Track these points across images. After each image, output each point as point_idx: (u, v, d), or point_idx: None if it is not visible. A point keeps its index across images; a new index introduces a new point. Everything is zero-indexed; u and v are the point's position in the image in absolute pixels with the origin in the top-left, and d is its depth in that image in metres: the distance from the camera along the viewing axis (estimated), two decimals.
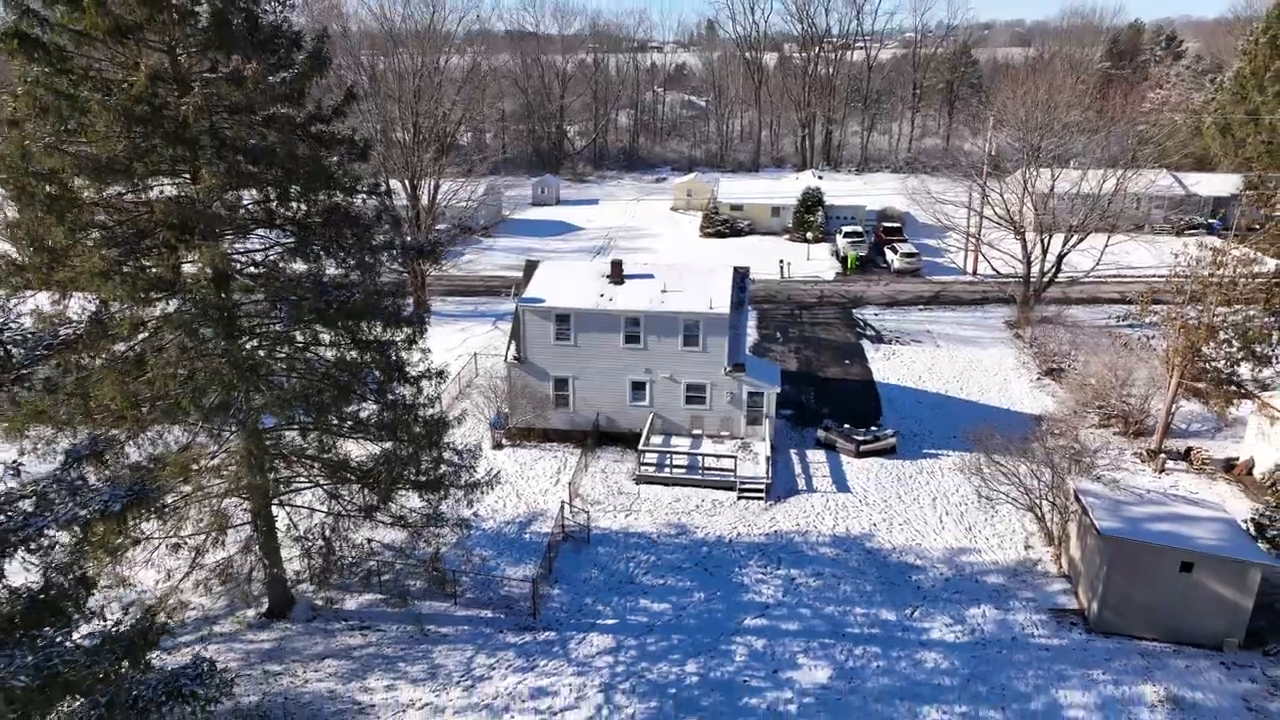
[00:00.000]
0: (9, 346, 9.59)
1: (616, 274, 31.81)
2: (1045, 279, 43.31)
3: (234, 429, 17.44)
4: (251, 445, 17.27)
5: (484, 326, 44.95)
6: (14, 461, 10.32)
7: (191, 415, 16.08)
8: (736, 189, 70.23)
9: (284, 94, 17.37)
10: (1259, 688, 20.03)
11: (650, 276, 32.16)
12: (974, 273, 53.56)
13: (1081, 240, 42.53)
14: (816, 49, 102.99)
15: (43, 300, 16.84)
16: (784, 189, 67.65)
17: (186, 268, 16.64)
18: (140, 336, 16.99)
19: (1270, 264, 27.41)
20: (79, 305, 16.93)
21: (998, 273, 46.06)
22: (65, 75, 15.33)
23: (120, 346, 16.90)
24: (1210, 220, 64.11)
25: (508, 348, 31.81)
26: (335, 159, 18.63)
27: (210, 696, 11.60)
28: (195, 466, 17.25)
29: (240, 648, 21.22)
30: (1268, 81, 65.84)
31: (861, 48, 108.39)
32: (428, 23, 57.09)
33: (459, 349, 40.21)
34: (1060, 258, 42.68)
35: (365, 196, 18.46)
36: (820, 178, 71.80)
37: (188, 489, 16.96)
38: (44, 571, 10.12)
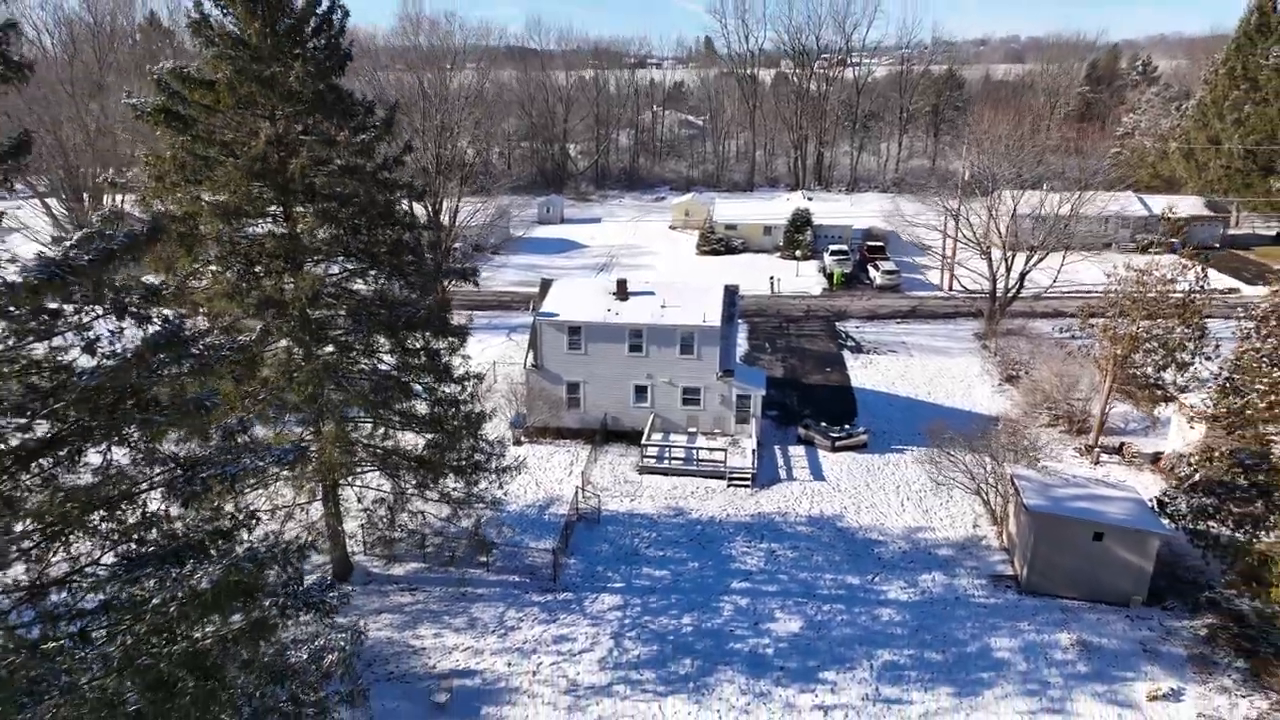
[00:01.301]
0: (206, 349, 13.77)
1: (622, 291, 36.18)
2: (1009, 295, 47.70)
3: (321, 419, 21.70)
4: (338, 431, 21.49)
5: (499, 338, 49.23)
6: (219, 425, 14.45)
7: (292, 405, 20.32)
8: (731, 210, 74.75)
9: (360, 149, 21.75)
10: (1155, 635, 24.25)
11: (651, 293, 36.54)
12: (949, 289, 57.97)
13: (1042, 260, 46.96)
14: (809, 70, 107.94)
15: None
16: (775, 210, 72.18)
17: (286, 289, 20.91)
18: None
19: (1185, 283, 31.68)
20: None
21: (965, 289, 50.48)
22: (199, 141, 19.71)
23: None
24: (1172, 239, 68.54)
25: (526, 356, 36.13)
26: (396, 199, 23.03)
27: (332, 606, 15.77)
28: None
29: None
30: (1226, 110, 70.76)
31: (857, 64, 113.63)
32: (449, 69, 61.54)
33: (478, 359, 44.22)
34: (1023, 275, 47.09)
35: (420, 231, 22.76)
36: (810, 199, 76.39)
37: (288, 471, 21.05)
38: (232, 506, 14.29)
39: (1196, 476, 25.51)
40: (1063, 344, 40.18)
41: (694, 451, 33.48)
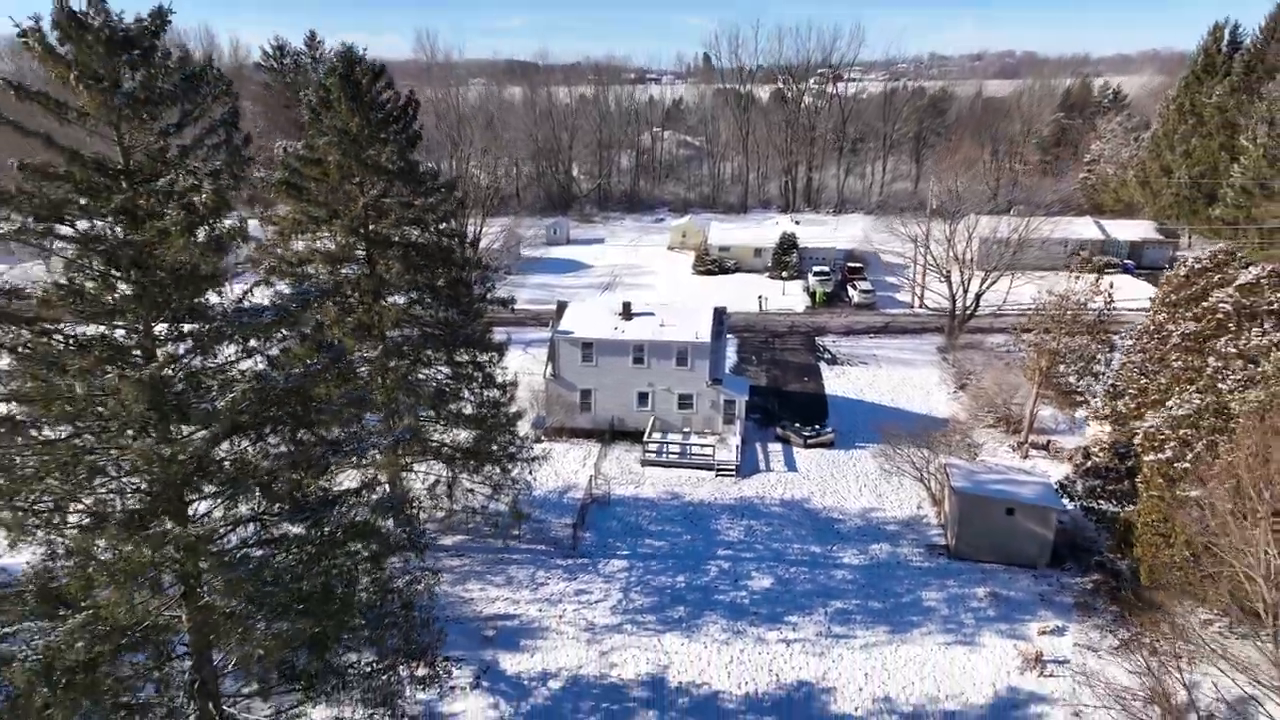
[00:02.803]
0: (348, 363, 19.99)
1: (626, 312, 42.59)
2: (967, 313, 54.11)
3: (396, 416, 28.01)
4: (415, 424, 27.78)
5: (517, 351, 55.11)
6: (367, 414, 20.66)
7: (374, 405, 26.60)
8: (725, 234, 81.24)
9: (428, 208, 28.13)
10: (1052, 589, 30.48)
11: (651, 314, 42.93)
12: (920, 306, 64.37)
13: (995, 282, 53.40)
14: (802, 87, 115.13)
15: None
16: (765, 235, 78.66)
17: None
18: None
19: (1094, 307, 38.05)
20: None
21: (927, 307, 56.84)
22: (311, 204, 26.11)
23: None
24: (1126, 261, 75.03)
25: (546, 367, 42.48)
26: (453, 244, 29.41)
27: (425, 545, 21.98)
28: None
29: None
30: (1176, 142, 77.48)
31: (853, 79, 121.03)
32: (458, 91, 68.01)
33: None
34: (978, 296, 53.53)
35: (472, 271, 29.16)
36: (797, 223, 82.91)
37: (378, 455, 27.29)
38: (360, 474, 20.47)
39: (1089, 464, 31.83)
40: (1000, 356, 46.53)
41: (688, 447, 39.77)
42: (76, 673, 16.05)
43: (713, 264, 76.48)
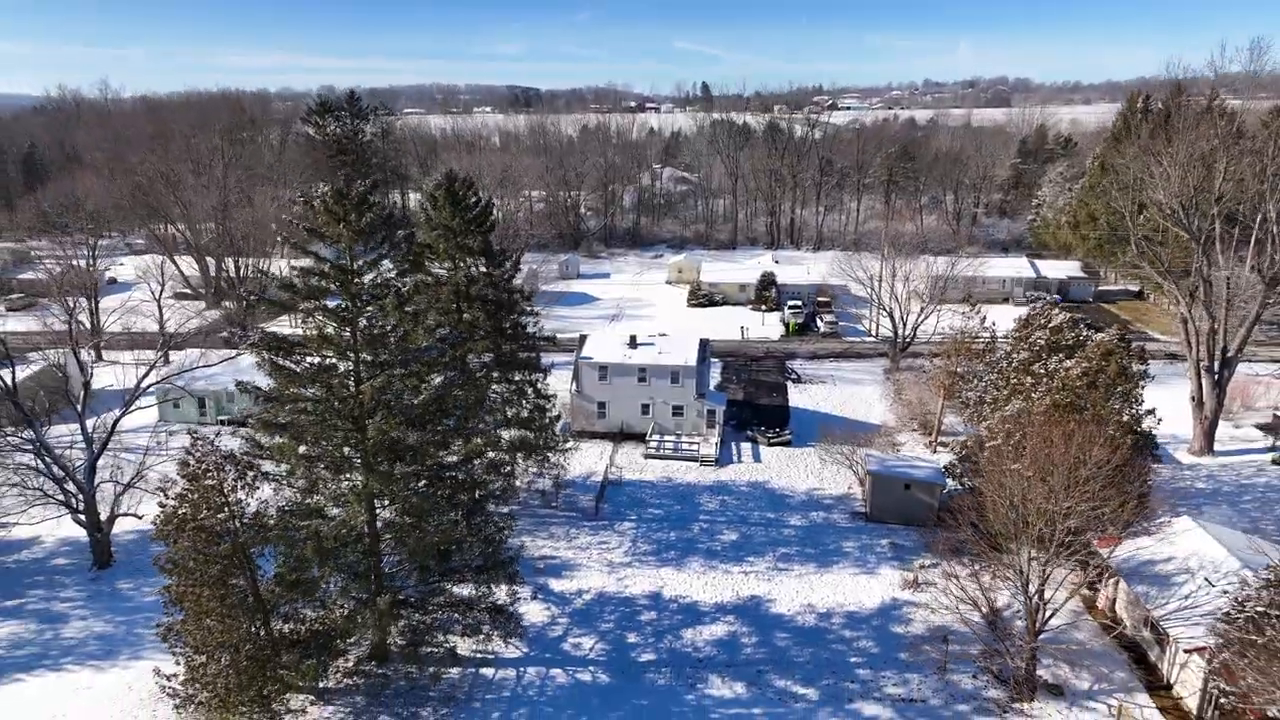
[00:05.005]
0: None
1: (632, 342, 55.52)
2: (906, 340, 66.97)
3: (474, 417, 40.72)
4: (493, 419, 40.49)
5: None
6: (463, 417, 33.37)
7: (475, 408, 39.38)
8: (715, 272, 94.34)
9: (499, 275, 41.04)
10: (935, 540, 42.99)
11: (651, 343, 55.83)
12: (874, 335, 77.23)
13: (927, 316, 66.28)
14: (794, 116, 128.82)
15: None
16: (748, 273, 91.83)
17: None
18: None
19: (984, 337, 50.87)
20: None
21: (878, 337, 69.68)
22: (425, 273, 39.06)
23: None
24: (1055, 295, 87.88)
25: (570, 384, 55.32)
26: (514, 298, 42.34)
27: (508, 498, 34.51)
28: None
29: None
30: (1100, 193, 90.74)
31: (846, 108, 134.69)
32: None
33: None
34: (914, 327, 66.40)
35: (531, 318, 42.13)
36: (777, 262, 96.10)
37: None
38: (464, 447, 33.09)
39: (964, 452, 44.56)
40: (920, 377, 59.37)
41: (679, 445, 52.47)
42: (330, 551, 28.75)
43: (704, 298, 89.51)
